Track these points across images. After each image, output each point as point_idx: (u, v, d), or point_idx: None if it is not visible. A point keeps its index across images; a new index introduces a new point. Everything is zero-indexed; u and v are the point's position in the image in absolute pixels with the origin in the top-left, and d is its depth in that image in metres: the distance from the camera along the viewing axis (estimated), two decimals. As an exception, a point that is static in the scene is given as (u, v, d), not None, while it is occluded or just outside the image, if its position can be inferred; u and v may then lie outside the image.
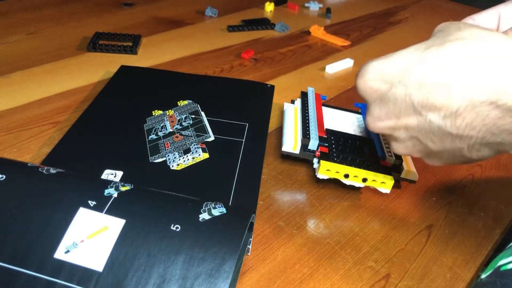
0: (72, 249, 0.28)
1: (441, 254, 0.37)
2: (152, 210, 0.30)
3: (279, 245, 0.37)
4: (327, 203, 0.41)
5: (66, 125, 0.48)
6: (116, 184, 0.31)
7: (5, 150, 0.44)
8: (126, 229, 0.29)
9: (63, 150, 0.42)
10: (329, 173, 0.40)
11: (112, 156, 0.41)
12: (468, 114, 0.28)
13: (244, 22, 0.79)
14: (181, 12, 0.82)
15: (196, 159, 0.42)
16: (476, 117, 0.28)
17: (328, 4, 0.94)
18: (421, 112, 0.30)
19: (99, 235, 0.28)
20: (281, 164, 0.45)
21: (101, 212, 0.29)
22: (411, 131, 0.32)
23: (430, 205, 0.42)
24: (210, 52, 0.69)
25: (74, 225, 0.29)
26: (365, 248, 0.37)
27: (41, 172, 0.32)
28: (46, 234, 0.28)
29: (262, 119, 0.49)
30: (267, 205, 0.40)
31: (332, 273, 0.35)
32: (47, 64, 0.61)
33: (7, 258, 0.28)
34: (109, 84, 0.53)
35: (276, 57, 0.69)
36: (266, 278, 0.34)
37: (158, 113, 0.48)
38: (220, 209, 0.30)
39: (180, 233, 0.29)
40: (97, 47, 0.65)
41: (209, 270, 0.28)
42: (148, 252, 0.28)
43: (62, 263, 0.28)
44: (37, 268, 0.27)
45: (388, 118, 0.32)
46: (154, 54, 0.66)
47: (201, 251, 0.28)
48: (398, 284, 0.34)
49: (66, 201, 0.30)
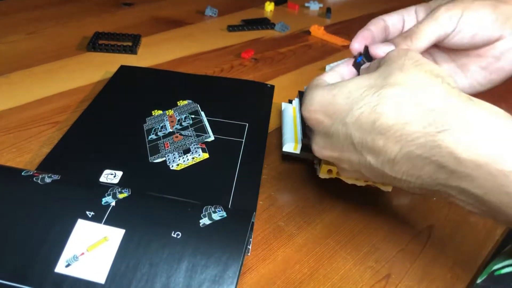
0: (72, 262, 0.28)
1: (441, 254, 0.37)
2: (151, 217, 0.30)
3: (279, 245, 0.36)
4: (327, 203, 0.41)
5: (65, 125, 0.48)
6: (113, 191, 0.31)
7: (5, 150, 0.44)
8: (126, 239, 0.28)
9: (62, 150, 0.42)
10: (331, 174, 0.40)
11: (112, 156, 0.41)
12: (405, 164, 0.28)
13: (244, 22, 0.79)
14: (181, 12, 0.82)
15: (196, 159, 0.42)
16: (412, 167, 0.28)
17: (328, 4, 0.94)
18: (362, 152, 0.30)
19: (99, 246, 0.28)
20: (281, 164, 0.45)
21: (100, 223, 0.29)
22: (354, 165, 0.32)
23: (431, 205, 0.42)
24: (210, 52, 0.69)
25: (74, 238, 0.29)
26: (366, 248, 0.37)
27: (36, 182, 0.31)
28: (46, 248, 0.28)
29: (262, 119, 0.49)
30: (267, 205, 0.40)
31: (332, 273, 0.35)
32: (47, 64, 0.61)
33: (7, 275, 0.27)
34: (108, 84, 0.53)
35: (276, 57, 0.69)
36: (266, 278, 0.34)
37: (158, 113, 0.48)
38: (220, 213, 0.30)
39: (181, 240, 0.28)
40: (97, 47, 0.65)
41: (213, 277, 0.27)
42: (150, 261, 0.28)
43: (64, 277, 0.27)
44: (38, 284, 0.27)
45: (332, 150, 0.32)
46: (154, 54, 0.66)
47: (203, 257, 0.28)
48: (399, 284, 0.34)
49: (64, 213, 0.30)
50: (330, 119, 0.31)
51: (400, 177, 0.29)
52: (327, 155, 0.33)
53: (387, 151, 0.28)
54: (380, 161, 0.29)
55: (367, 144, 0.29)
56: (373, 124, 0.28)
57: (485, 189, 0.26)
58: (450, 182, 0.27)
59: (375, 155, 0.29)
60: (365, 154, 0.30)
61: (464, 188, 0.27)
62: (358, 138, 0.29)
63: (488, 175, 0.25)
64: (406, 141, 0.27)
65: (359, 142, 0.30)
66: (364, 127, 0.29)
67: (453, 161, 0.26)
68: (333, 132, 0.31)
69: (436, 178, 0.28)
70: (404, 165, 0.28)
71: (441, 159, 0.26)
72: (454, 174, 0.26)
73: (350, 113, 0.29)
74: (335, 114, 0.30)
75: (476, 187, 0.26)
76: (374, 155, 0.29)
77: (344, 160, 0.32)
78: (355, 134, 0.30)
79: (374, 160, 0.30)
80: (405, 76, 0.28)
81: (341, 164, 0.33)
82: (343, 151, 0.31)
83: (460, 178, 0.26)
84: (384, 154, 0.29)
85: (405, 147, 0.27)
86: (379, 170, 0.30)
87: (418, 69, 0.29)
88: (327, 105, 0.31)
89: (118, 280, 0.27)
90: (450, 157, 0.26)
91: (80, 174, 0.39)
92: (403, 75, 0.28)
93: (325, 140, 0.32)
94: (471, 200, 0.27)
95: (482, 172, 0.25)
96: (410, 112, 0.27)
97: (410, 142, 0.27)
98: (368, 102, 0.29)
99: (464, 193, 0.27)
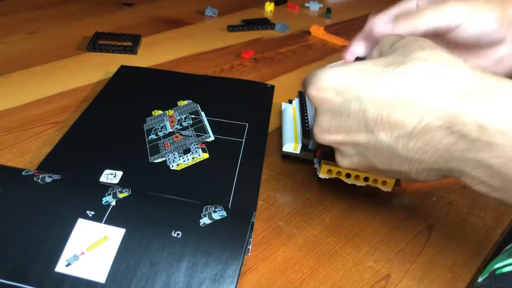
0: (73, 261, 0.28)
1: (441, 254, 0.37)
2: (152, 217, 0.30)
3: (279, 245, 0.36)
4: (327, 203, 0.41)
5: (65, 125, 0.48)
6: (113, 190, 0.31)
7: (5, 150, 0.44)
8: (126, 239, 0.29)
9: (62, 150, 0.42)
10: (331, 173, 0.40)
11: (112, 156, 0.41)
12: (422, 137, 0.28)
13: (244, 22, 0.79)
14: (181, 12, 0.82)
15: (196, 159, 0.42)
16: (429, 141, 0.28)
17: (328, 4, 0.94)
18: (373, 130, 0.29)
19: (100, 246, 0.28)
20: (281, 164, 0.45)
21: (100, 222, 0.29)
22: (359, 148, 0.31)
23: (431, 205, 0.42)
24: (210, 52, 0.69)
25: (74, 237, 0.29)
26: (366, 248, 0.37)
27: (37, 182, 0.31)
28: (46, 247, 0.28)
29: (262, 119, 0.49)
30: (267, 205, 0.40)
31: (332, 273, 0.35)
32: (47, 64, 0.61)
33: (7, 275, 0.27)
34: (108, 84, 0.53)
35: (276, 57, 0.69)
36: (266, 278, 0.34)
37: (158, 113, 0.48)
38: (221, 212, 0.30)
39: (182, 239, 0.28)
40: (97, 47, 0.65)
41: (213, 276, 0.27)
42: (150, 260, 0.28)
43: (64, 277, 0.27)
44: (39, 283, 0.27)
45: (337, 132, 0.31)
46: (154, 54, 0.66)
47: (203, 256, 0.28)
48: (399, 284, 0.34)
49: (64, 212, 0.30)
50: (341, 96, 0.30)
51: (413, 155, 0.29)
52: (329, 139, 0.32)
53: (405, 123, 0.28)
54: (395, 136, 0.28)
55: (382, 119, 0.28)
56: (392, 97, 0.28)
57: (505, 158, 0.26)
58: (468, 154, 0.27)
59: (390, 130, 0.28)
60: (377, 131, 0.29)
61: (482, 160, 0.26)
62: (373, 114, 0.29)
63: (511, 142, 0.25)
64: (428, 112, 0.27)
65: (373, 117, 0.29)
66: (381, 101, 0.28)
67: (477, 128, 0.26)
68: (342, 110, 0.30)
69: (454, 151, 0.27)
70: (420, 140, 0.28)
71: (464, 128, 0.26)
72: (474, 143, 0.26)
73: (366, 89, 0.29)
74: (348, 90, 0.29)
75: (495, 157, 0.26)
76: (389, 131, 0.28)
77: (349, 143, 0.31)
78: (370, 109, 0.29)
79: (387, 137, 0.29)
80: (428, 53, 0.28)
81: (344, 148, 0.32)
82: (350, 132, 0.30)
83: (481, 148, 0.26)
84: (400, 127, 0.28)
85: (426, 118, 0.27)
86: (391, 149, 0.29)
87: (440, 49, 0.29)
88: (338, 82, 0.30)
89: (118, 279, 0.27)
90: (473, 125, 0.26)
91: (80, 174, 0.39)
92: (426, 53, 0.28)
93: (331, 120, 0.31)
94: (486, 175, 0.27)
95: (505, 139, 0.25)
96: (434, 84, 0.27)
97: (432, 113, 0.27)
98: (388, 76, 0.28)
99: (481, 167, 0.27)
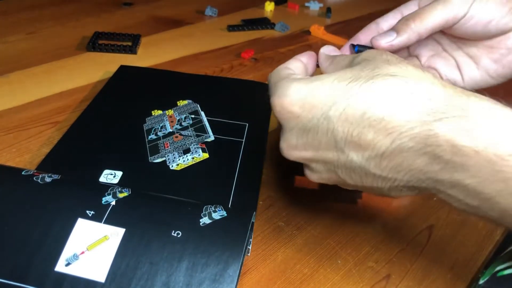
0: (73, 261, 0.28)
1: (441, 255, 0.37)
2: (151, 217, 0.30)
3: (279, 246, 0.36)
4: (327, 203, 0.41)
5: (65, 125, 0.48)
6: (113, 190, 0.31)
7: (4, 150, 0.44)
8: (126, 238, 0.28)
9: (62, 150, 0.42)
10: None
11: (112, 156, 0.41)
12: (395, 158, 0.27)
13: (244, 22, 0.79)
14: (181, 12, 0.82)
15: (196, 159, 0.42)
16: (402, 162, 0.26)
17: (328, 3, 0.94)
18: (343, 149, 0.28)
19: (100, 245, 0.28)
20: (281, 164, 0.45)
21: (100, 222, 0.29)
22: (329, 165, 0.30)
23: (431, 205, 0.42)
24: (210, 52, 0.69)
25: (74, 237, 0.29)
26: (366, 248, 0.37)
27: (36, 181, 0.31)
28: (46, 247, 0.28)
29: (262, 119, 0.49)
30: (267, 205, 0.40)
31: (333, 274, 0.34)
32: (46, 64, 0.61)
33: (7, 274, 0.27)
34: (108, 84, 0.53)
35: (276, 57, 0.69)
36: (267, 278, 0.34)
37: (157, 113, 0.48)
38: (221, 212, 0.30)
39: (182, 239, 0.28)
40: (97, 46, 0.65)
41: (213, 275, 0.27)
42: (150, 260, 0.28)
43: (64, 276, 0.27)
44: (39, 283, 0.27)
45: (305, 149, 0.30)
46: (153, 53, 0.66)
47: (203, 256, 0.28)
48: (399, 284, 0.34)
49: (64, 212, 0.30)
50: (308, 113, 0.28)
51: (385, 174, 0.28)
52: (297, 156, 0.30)
53: (376, 145, 0.26)
54: (366, 157, 0.27)
55: (352, 139, 0.27)
56: (361, 116, 0.26)
57: (480, 178, 0.25)
58: (443, 174, 0.26)
59: (361, 150, 0.27)
60: (347, 150, 0.28)
61: (457, 180, 0.26)
62: (342, 133, 0.27)
63: (485, 161, 0.24)
64: (399, 133, 0.26)
65: (342, 137, 0.27)
66: (350, 120, 0.27)
67: (450, 149, 0.25)
68: (310, 128, 0.28)
69: (427, 172, 0.26)
70: (393, 160, 0.27)
71: (437, 149, 0.25)
72: (448, 164, 0.25)
73: (334, 106, 0.27)
74: (316, 107, 0.28)
75: (470, 177, 0.25)
76: (359, 151, 0.27)
77: (318, 160, 0.30)
78: (338, 128, 0.27)
79: (357, 157, 0.28)
80: (395, 68, 0.27)
81: (313, 165, 0.31)
82: (319, 149, 0.29)
83: (455, 168, 0.25)
84: (372, 148, 0.27)
85: (398, 139, 0.26)
86: (361, 168, 0.28)
87: (406, 64, 0.28)
88: (305, 97, 0.28)
89: (118, 279, 0.27)
90: (447, 145, 0.25)
91: (80, 174, 0.39)
92: (393, 67, 0.27)
93: (298, 138, 0.29)
94: (462, 194, 0.26)
95: (480, 158, 0.24)
96: (405, 103, 0.26)
97: (404, 134, 0.26)
98: (356, 93, 0.27)
99: (456, 187, 0.26)
